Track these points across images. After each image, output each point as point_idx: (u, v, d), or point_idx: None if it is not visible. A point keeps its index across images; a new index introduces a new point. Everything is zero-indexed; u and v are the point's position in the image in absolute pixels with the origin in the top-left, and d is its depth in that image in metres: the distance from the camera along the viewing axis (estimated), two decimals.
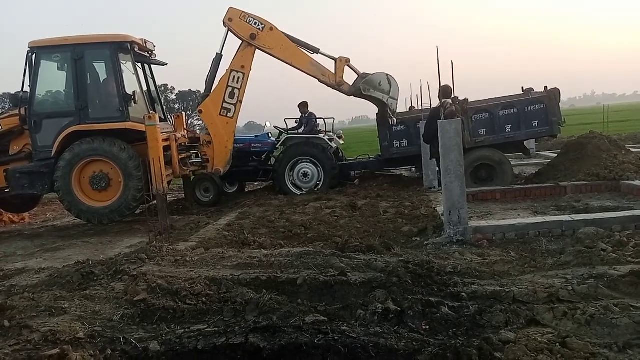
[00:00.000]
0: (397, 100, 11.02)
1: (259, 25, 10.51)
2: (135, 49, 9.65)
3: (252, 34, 10.46)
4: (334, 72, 10.72)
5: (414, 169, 14.48)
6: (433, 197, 8.96)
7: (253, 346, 3.32)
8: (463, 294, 4.00)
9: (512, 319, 3.52)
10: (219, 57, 10.70)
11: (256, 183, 13.70)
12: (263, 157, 12.15)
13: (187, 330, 3.67)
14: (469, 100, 10.84)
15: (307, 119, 12.14)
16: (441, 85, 7.52)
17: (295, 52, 10.67)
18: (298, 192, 11.10)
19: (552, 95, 10.57)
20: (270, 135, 12.66)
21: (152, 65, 10.73)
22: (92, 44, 9.40)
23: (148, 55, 10.39)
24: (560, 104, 10.71)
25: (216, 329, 3.62)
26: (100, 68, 9.62)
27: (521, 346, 3.05)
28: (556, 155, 11.53)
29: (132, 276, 4.78)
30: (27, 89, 9.31)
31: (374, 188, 10.69)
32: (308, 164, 11.31)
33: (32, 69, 9.18)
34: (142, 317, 4.01)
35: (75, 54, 9.16)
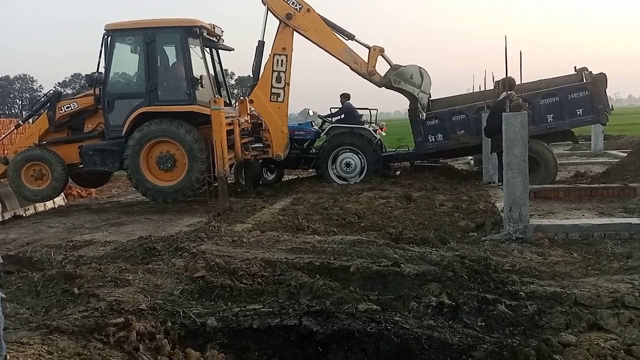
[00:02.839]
0: (428, 94, 10.69)
1: (296, 5, 10.39)
2: (204, 34, 9.86)
3: (289, 14, 10.36)
4: (366, 61, 10.54)
5: (472, 162, 14.13)
6: (492, 192, 8.73)
7: (306, 329, 3.39)
8: (521, 293, 3.89)
9: (573, 322, 3.41)
10: (261, 44, 10.70)
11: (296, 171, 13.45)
12: (305, 145, 11.86)
13: (243, 308, 3.78)
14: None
15: (343, 110, 11.86)
16: (507, 76, 7.29)
17: (330, 36, 10.52)
18: (340, 181, 10.81)
19: (598, 81, 9.93)
20: (313, 124, 12.41)
21: (219, 50, 10.96)
22: (163, 28, 9.71)
23: (216, 40, 10.60)
24: (606, 90, 10.02)
25: (271, 309, 3.71)
26: (170, 51, 9.92)
27: (582, 350, 2.95)
28: (626, 154, 10.93)
29: (192, 253, 4.96)
30: (102, 69, 9.75)
31: (430, 180, 10.45)
32: (351, 154, 10.99)
33: (107, 50, 9.59)
34: (200, 293, 4.17)
35: (147, 37, 9.46)
